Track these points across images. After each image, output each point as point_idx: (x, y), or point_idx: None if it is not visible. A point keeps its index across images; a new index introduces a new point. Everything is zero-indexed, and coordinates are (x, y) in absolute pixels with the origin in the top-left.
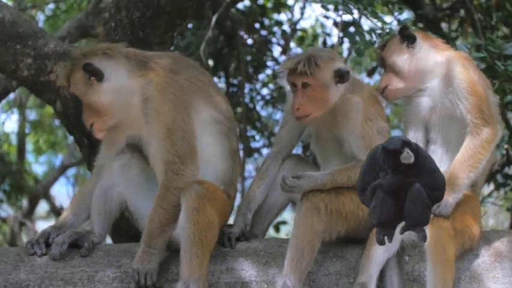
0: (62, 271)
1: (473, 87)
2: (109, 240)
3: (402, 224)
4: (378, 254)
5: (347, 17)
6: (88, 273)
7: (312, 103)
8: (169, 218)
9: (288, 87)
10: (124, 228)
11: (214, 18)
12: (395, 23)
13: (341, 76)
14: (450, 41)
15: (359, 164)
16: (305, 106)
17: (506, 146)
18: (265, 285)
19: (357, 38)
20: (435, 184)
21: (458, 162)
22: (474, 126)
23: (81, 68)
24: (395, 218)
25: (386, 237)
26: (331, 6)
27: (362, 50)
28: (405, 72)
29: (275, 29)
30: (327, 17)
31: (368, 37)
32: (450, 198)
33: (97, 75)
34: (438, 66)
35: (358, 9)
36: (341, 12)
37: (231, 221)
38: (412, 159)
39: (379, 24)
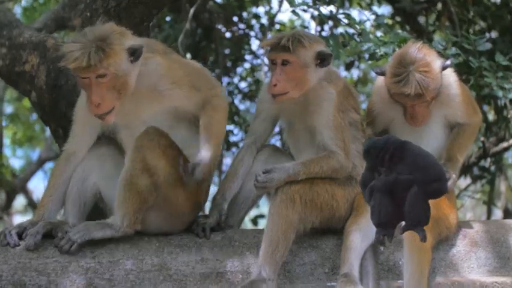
0: (36, 261)
1: None
2: None
3: (402, 223)
4: (356, 243)
5: (324, 10)
6: (62, 264)
7: (289, 81)
8: None
9: (266, 79)
10: (97, 219)
11: (191, 11)
12: (368, 23)
13: (322, 59)
14: (427, 34)
15: (331, 154)
16: (282, 83)
17: (482, 139)
18: (240, 276)
19: (331, 41)
20: (431, 178)
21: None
22: None
23: (126, 48)
24: (394, 217)
25: (386, 237)
26: (301, 12)
27: (337, 53)
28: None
29: (253, 22)
30: (305, 10)
31: (341, 37)
32: (454, 174)
33: (135, 53)
34: None
35: (331, 12)
36: (318, 6)
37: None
38: None
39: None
